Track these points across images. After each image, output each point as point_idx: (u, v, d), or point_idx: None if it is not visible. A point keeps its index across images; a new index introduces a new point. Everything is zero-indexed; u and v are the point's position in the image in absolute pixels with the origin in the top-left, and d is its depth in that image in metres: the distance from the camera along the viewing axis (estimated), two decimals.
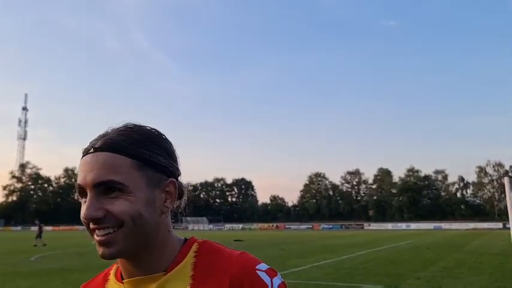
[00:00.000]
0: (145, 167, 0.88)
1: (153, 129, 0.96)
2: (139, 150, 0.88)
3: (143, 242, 0.87)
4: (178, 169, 0.97)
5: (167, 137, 0.98)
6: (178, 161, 0.98)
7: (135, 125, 0.94)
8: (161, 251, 0.91)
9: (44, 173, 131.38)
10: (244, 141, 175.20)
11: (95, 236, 0.85)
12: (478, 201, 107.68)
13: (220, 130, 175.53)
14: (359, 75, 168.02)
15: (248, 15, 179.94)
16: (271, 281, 0.86)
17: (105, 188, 0.84)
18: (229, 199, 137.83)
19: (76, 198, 0.90)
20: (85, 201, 0.86)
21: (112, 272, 0.99)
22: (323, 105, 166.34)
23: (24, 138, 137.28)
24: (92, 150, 0.88)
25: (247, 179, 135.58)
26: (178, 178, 0.97)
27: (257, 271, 0.86)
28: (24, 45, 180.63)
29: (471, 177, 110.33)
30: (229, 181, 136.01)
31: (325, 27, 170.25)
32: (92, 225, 0.85)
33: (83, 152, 0.90)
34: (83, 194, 0.87)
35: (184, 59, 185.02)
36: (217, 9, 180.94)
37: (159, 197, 0.90)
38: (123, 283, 0.92)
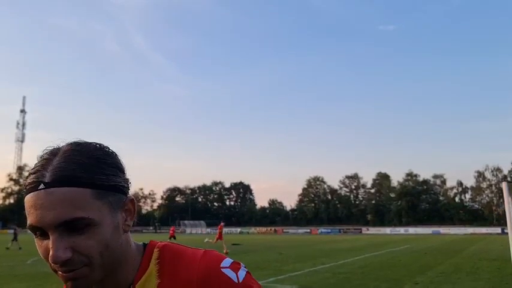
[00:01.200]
0: (105, 193, 0.82)
1: (98, 145, 0.88)
2: (96, 178, 0.81)
3: (110, 268, 0.84)
4: (128, 181, 0.92)
5: (112, 148, 0.91)
6: (125, 171, 0.91)
7: (78, 145, 0.85)
8: (125, 265, 0.88)
9: None
10: (243, 144, 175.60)
11: (60, 273, 0.79)
12: (476, 206, 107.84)
13: (219, 133, 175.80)
14: (358, 79, 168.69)
15: (247, 19, 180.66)
16: (237, 275, 0.86)
17: (69, 225, 0.77)
18: (228, 203, 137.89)
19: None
20: (41, 240, 0.80)
21: None
22: (322, 110, 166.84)
23: (22, 141, 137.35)
24: (42, 186, 0.78)
25: (246, 182, 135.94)
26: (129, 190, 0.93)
27: (222, 269, 0.86)
28: (22, 47, 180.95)
29: (470, 182, 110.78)
30: (227, 185, 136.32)
31: (324, 32, 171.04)
32: (57, 267, 0.79)
33: (29, 188, 0.80)
34: (38, 232, 0.79)
35: (184, 61, 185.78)
36: (215, 12, 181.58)
37: (120, 218, 0.86)
38: None
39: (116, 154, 0.90)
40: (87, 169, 0.81)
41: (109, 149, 0.90)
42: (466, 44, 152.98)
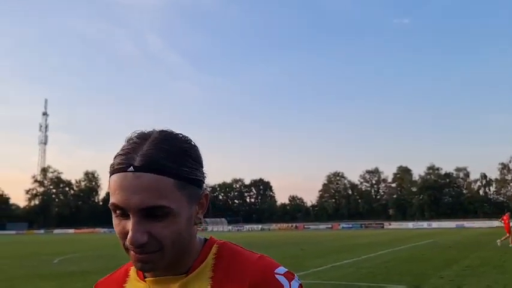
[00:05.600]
0: (186, 185, 0.87)
1: (185, 138, 0.93)
2: (180, 169, 0.86)
3: (178, 256, 0.89)
4: (205, 174, 0.96)
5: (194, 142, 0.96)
6: (203, 165, 0.97)
7: (167, 134, 0.90)
8: (188, 255, 0.93)
9: (64, 176, 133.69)
10: (262, 141, 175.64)
11: (132, 253, 0.85)
12: (501, 198, 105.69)
13: (238, 130, 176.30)
14: (375, 73, 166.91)
15: (261, 16, 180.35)
16: (290, 284, 0.88)
17: (151, 211, 0.82)
18: (248, 200, 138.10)
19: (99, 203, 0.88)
20: (119, 219, 0.85)
21: (132, 268, 1.00)
22: (341, 104, 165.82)
23: (45, 143, 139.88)
24: (131, 169, 0.82)
25: (266, 179, 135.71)
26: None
27: (276, 275, 0.88)
28: (43, 52, 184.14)
29: (494, 174, 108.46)
30: (247, 182, 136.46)
31: (340, 27, 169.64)
32: (132, 248, 0.84)
33: (117, 168, 0.84)
34: (118, 211, 0.85)
35: (200, 60, 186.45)
36: (230, 11, 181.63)
37: (194, 210, 0.91)
38: (145, 281, 0.94)
39: (198, 148, 0.95)
40: (174, 160, 0.85)
41: (194, 143, 0.94)
42: (486, 35, 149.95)
